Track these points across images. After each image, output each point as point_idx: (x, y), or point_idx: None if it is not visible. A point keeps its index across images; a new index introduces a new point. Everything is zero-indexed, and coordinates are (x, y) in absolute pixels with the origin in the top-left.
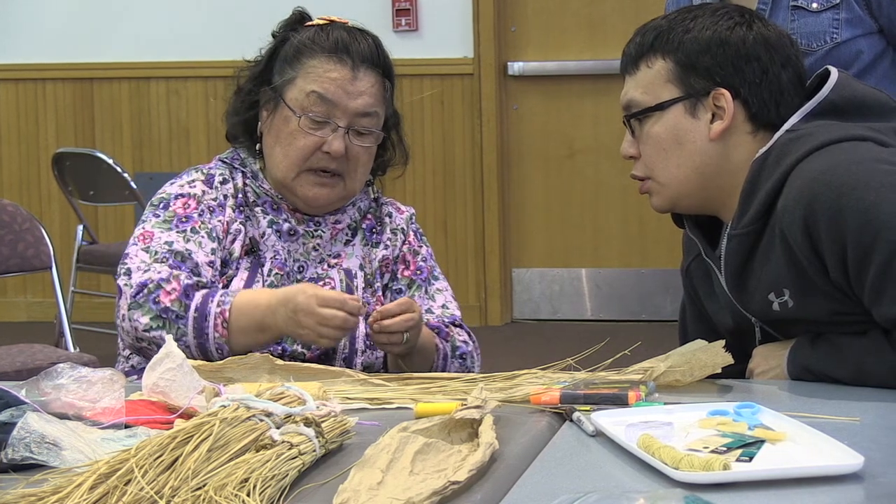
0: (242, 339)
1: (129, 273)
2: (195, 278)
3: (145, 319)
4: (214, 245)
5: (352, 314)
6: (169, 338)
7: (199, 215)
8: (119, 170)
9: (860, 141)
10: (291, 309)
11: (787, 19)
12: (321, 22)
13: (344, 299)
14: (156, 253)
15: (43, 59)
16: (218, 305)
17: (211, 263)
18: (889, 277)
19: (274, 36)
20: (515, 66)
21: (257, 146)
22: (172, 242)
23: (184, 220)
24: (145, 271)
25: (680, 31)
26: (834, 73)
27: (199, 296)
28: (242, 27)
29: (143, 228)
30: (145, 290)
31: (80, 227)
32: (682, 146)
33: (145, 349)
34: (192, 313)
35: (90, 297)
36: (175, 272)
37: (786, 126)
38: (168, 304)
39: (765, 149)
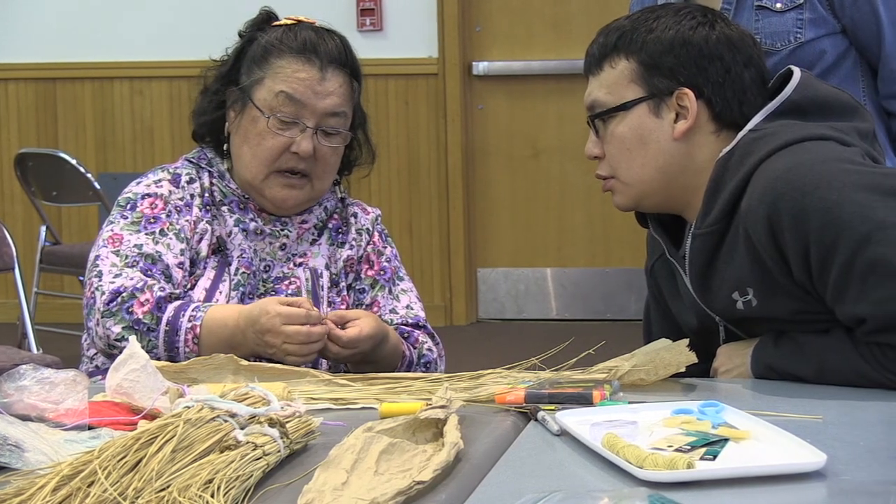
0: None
1: (100, 276)
2: (168, 289)
3: (118, 329)
4: (183, 246)
5: (317, 324)
6: (133, 339)
7: (167, 216)
8: (82, 170)
9: (823, 140)
10: (258, 330)
11: (752, 19)
12: (288, 22)
13: (307, 313)
14: (126, 257)
15: (5, 60)
16: (189, 321)
17: (180, 265)
18: (851, 276)
19: (241, 35)
20: (480, 66)
21: (224, 146)
22: (142, 245)
23: (152, 221)
24: (117, 275)
25: (643, 31)
26: (796, 72)
27: (171, 309)
28: (206, 27)
29: (112, 231)
30: (119, 300)
31: (43, 228)
32: (646, 146)
33: (116, 356)
34: (163, 326)
35: (53, 297)
36: (149, 281)
37: (749, 125)
38: (140, 317)
39: (728, 148)
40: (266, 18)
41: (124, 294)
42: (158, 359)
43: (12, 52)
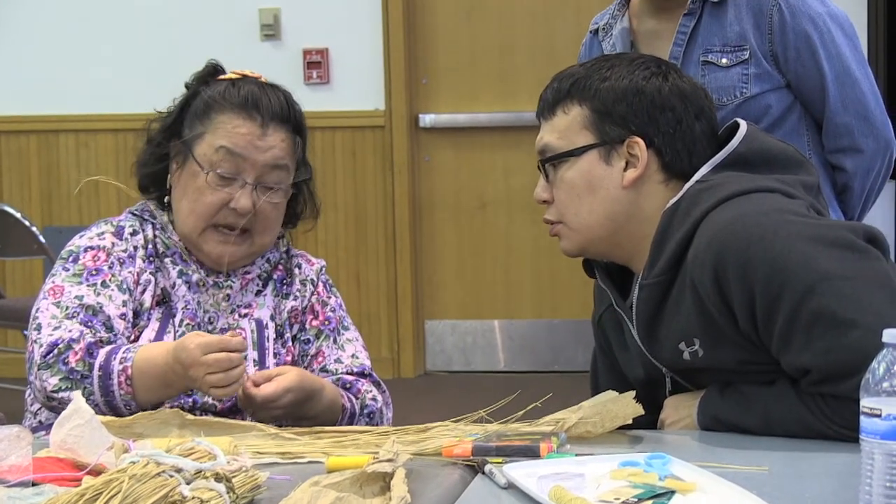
0: (148, 395)
1: (39, 329)
2: (99, 335)
3: (54, 380)
4: (125, 297)
5: (237, 350)
6: (77, 394)
7: (109, 267)
8: (27, 223)
9: (768, 192)
10: (183, 364)
11: (698, 74)
12: (234, 76)
13: (226, 340)
14: (66, 308)
15: None
16: (120, 363)
17: (122, 316)
18: (796, 326)
19: (187, 87)
20: (427, 119)
21: (166, 199)
22: (83, 296)
23: (94, 273)
24: (56, 328)
25: (597, 78)
26: (743, 125)
27: (102, 353)
28: (152, 80)
29: (54, 282)
30: (55, 351)
31: None
32: (595, 192)
33: (55, 408)
34: (96, 372)
35: None
36: (86, 331)
37: (696, 176)
38: (74, 365)
39: (675, 199)
40: (212, 71)
41: (61, 346)
42: (96, 405)
43: None
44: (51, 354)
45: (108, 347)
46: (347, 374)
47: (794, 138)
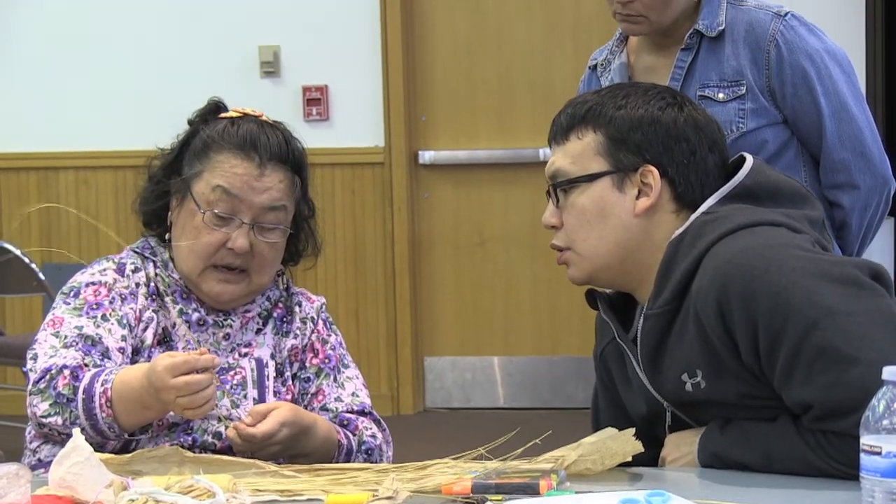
0: (129, 418)
1: (35, 358)
2: (86, 359)
3: (44, 406)
4: (125, 332)
5: (206, 368)
6: (76, 431)
7: (110, 302)
8: (27, 260)
9: (773, 226)
10: (156, 389)
11: None
12: (234, 115)
13: (193, 360)
14: (65, 337)
15: None
16: (101, 385)
17: (121, 350)
18: (799, 361)
19: (190, 123)
20: (426, 155)
21: (166, 235)
22: (82, 327)
23: (94, 307)
24: (52, 356)
25: (612, 106)
26: (749, 158)
27: (87, 377)
28: (152, 116)
29: (54, 314)
30: (47, 377)
31: None
32: (606, 219)
33: (48, 434)
34: (80, 395)
35: None
36: (80, 358)
37: (702, 208)
38: (61, 389)
39: (681, 230)
40: (214, 109)
41: (53, 371)
42: (83, 429)
43: None
44: (42, 380)
45: (94, 370)
46: (347, 412)
47: (791, 174)
